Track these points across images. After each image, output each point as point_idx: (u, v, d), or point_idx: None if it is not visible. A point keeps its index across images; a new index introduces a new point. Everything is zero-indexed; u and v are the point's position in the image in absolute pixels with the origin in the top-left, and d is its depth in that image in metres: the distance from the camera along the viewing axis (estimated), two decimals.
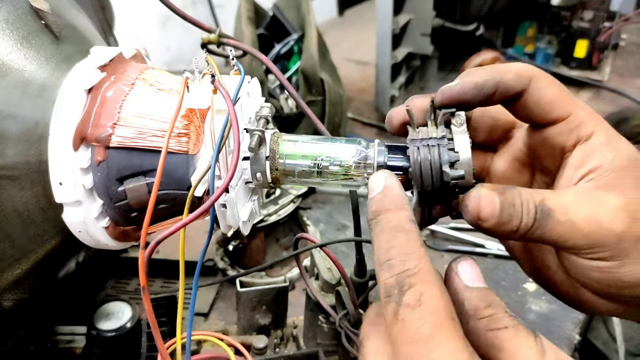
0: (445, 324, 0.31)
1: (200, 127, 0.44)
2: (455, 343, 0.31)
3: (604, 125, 0.41)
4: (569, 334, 0.80)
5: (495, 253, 0.95)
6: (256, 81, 0.48)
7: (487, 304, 0.35)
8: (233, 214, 0.44)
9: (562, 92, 0.41)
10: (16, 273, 0.47)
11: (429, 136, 0.40)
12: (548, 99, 0.40)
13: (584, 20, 1.46)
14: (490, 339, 0.33)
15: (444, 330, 0.31)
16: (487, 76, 0.40)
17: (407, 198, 0.36)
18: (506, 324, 0.33)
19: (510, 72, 0.40)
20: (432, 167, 0.39)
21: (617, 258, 0.38)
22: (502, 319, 0.34)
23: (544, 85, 0.41)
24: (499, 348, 0.33)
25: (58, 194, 0.43)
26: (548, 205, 0.38)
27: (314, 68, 1.14)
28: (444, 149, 0.39)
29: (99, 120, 0.43)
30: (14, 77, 0.43)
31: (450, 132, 0.40)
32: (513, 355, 0.32)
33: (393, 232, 0.35)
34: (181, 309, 0.44)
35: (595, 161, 0.40)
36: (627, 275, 0.38)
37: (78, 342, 0.76)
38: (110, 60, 0.45)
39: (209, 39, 0.64)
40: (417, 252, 0.33)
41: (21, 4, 0.46)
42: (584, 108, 0.41)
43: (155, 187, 0.39)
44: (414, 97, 0.44)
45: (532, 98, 0.41)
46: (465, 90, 0.40)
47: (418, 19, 1.32)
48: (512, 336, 0.33)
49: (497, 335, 0.33)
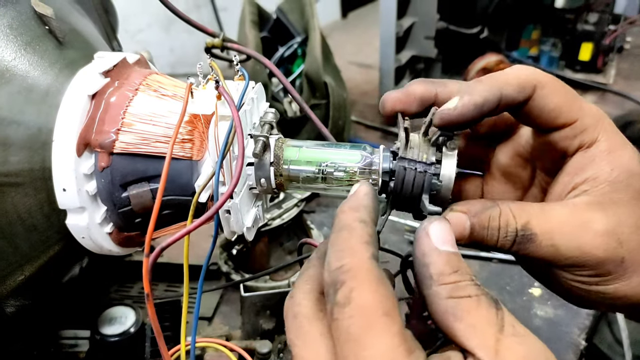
0: (377, 322, 0.30)
1: (204, 132, 0.43)
2: (388, 341, 0.30)
3: (609, 133, 0.40)
4: (575, 339, 0.79)
5: (500, 258, 0.94)
6: (260, 86, 0.47)
7: (452, 270, 0.34)
8: (237, 220, 0.43)
9: (568, 98, 0.40)
10: (19, 279, 0.47)
11: (418, 158, 0.40)
12: (553, 107, 0.39)
13: (588, 23, 1.45)
14: (451, 307, 0.32)
15: (375, 329, 0.30)
16: (487, 93, 0.38)
17: (369, 203, 0.36)
18: (469, 293, 0.32)
19: (512, 83, 0.39)
20: (413, 190, 0.40)
21: (600, 277, 0.38)
22: (465, 287, 0.33)
23: (549, 92, 0.39)
24: (457, 317, 0.32)
25: (62, 200, 0.43)
26: (532, 229, 0.38)
27: (318, 71, 1.14)
28: (429, 177, 0.40)
29: (102, 126, 0.43)
30: (17, 83, 0.43)
31: (440, 154, 0.40)
32: (470, 328, 0.31)
33: (339, 231, 0.34)
34: (185, 314, 0.43)
35: (592, 171, 0.39)
36: (611, 291, 0.38)
37: (81, 347, 0.76)
38: (114, 65, 0.45)
39: (213, 43, 0.64)
40: (353, 249, 0.33)
41: (25, 9, 0.46)
42: (591, 114, 0.40)
43: (160, 193, 0.38)
44: (413, 83, 0.42)
45: (536, 106, 0.40)
46: (464, 113, 0.38)
47: (422, 22, 1.32)
48: (473, 308, 0.32)
49: (458, 304, 0.32)
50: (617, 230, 0.37)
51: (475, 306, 0.32)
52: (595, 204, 0.38)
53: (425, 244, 0.35)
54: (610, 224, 0.37)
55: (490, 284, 0.88)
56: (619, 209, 0.38)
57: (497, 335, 0.31)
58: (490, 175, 0.47)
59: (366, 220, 0.35)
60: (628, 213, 0.38)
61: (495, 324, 0.31)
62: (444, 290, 0.33)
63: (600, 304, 0.40)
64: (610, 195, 0.38)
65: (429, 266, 0.34)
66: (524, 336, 0.31)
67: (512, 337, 0.31)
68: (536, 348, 0.31)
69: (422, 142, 0.41)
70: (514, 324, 0.32)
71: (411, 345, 0.30)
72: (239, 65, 0.46)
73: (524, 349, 0.30)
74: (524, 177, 0.46)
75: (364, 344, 0.30)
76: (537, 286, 0.88)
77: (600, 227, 0.37)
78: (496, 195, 0.47)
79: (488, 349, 0.30)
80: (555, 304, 0.85)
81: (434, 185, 0.40)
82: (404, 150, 0.40)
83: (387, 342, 0.30)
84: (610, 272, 0.38)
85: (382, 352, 0.29)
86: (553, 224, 0.38)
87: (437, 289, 0.33)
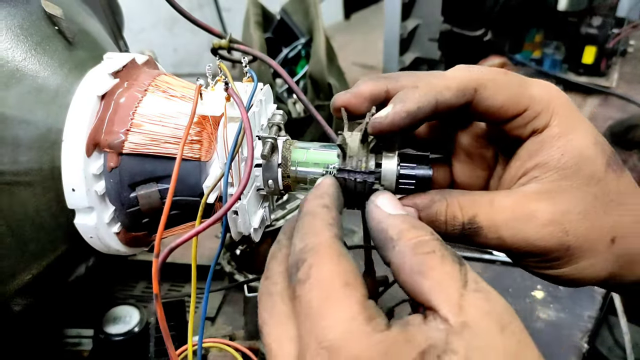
0: (336, 292, 0.30)
1: (213, 134, 0.44)
2: (348, 310, 0.29)
3: (561, 116, 0.39)
4: (578, 342, 0.79)
5: (503, 260, 0.94)
6: (268, 88, 0.48)
7: (411, 226, 0.34)
8: (245, 221, 0.44)
9: (514, 91, 0.39)
10: (27, 278, 0.47)
11: (357, 167, 0.40)
12: (499, 105, 0.39)
13: (592, 26, 1.45)
14: (417, 265, 0.32)
15: (333, 300, 0.30)
16: (421, 100, 0.38)
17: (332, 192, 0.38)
18: (433, 248, 0.32)
19: (451, 87, 0.38)
20: (356, 197, 0.41)
21: (548, 263, 0.39)
22: (428, 242, 0.33)
23: (493, 92, 0.39)
24: (423, 275, 0.31)
25: (70, 200, 0.43)
26: (478, 222, 0.38)
27: (322, 72, 1.14)
28: (369, 185, 0.40)
29: (112, 126, 0.43)
30: (27, 83, 0.43)
31: (381, 158, 0.41)
32: (435, 285, 0.30)
33: (303, 216, 0.35)
34: (193, 314, 0.44)
35: (542, 157, 0.39)
36: (562, 274, 0.39)
37: (85, 345, 0.76)
38: (123, 66, 0.45)
39: (220, 44, 0.64)
40: (315, 230, 0.33)
41: (35, 9, 0.46)
42: (541, 99, 0.39)
43: (170, 194, 0.39)
44: (362, 82, 0.42)
45: (481, 106, 0.39)
46: (396, 122, 0.38)
47: (426, 24, 1.32)
48: (437, 264, 0.31)
49: (424, 260, 0.32)
50: (563, 219, 0.38)
51: (439, 262, 0.31)
52: (542, 193, 0.38)
53: (377, 213, 0.36)
54: (556, 214, 0.38)
55: (493, 285, 0.88)
56: (566, 197, 0.38)
57: (460, 290, 0.30)
58: (456, 157, 0.47)
59: (329, 205, 0.36)
60: (576, 200, 0.38)
61: (459, 279, 0.31)
62: (408, 246, 0.33)
63: (561, 283, 0.41)
64: (559, 183, 0.38)
65: (387, 229, 0.34)
66: (487, 292, 0.31)
67: (476, 292, 0.30)
68: (500, 304, 0.30)
69: (361, 149, 0.41)
70: (477, 279, 0.31)
71: (372, 313, 0.30)
72: (248, 67, 0.47)
73: (487, 304, 0.30)
74: (487, 157, 0.46)
75: (323, 314, 0.30)
76: (539, 289, 0.89)
77: (545, 218, 0.37)
78: (464, 176, 0.46)
79: (452, 305, 0.30)
80: (557, 307, 0.85)
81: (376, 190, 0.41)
82: (342, 161, 0.41)
83: (346, 311, 0.29)
84: (558, 258, 0.38)
85: (341, 320, 0.29)
86: (499, 217, 0.38)
87: (400, 247, 0.33)
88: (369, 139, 0.41)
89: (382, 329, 0.29)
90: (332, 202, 0.36)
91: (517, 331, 0.30)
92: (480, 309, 0.30)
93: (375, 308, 0.31)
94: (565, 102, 0.40)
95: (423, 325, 0.30)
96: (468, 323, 0.29)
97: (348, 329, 0.29)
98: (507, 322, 0.30)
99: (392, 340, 0.29)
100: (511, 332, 0.29)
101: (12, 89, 0.42)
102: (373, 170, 0.40)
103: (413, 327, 0.30)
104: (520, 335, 0.30)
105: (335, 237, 0.33)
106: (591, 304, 0.86)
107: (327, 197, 0.37)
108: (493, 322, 0.29)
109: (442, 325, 0.29)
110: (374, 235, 0.36)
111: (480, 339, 0.29)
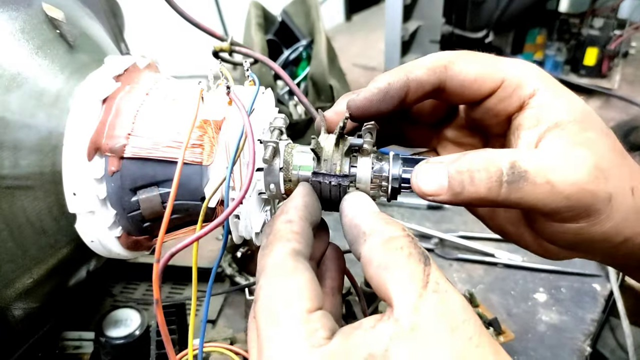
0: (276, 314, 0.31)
1: (214, 138, 0.43)
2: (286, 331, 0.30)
3: (546, 80, 0.39)
4: (580, 345, 0.79)
5: (505, 263, 0.94)
6: (270, 92, 0.47)
7: (384, 222, 0.34)
8: (246, 225, 0.43)
9: (485, 63, 0.39)
10: (28, 282, 0.47)
11: (331, 171, 0.41)
12: (472, 78, 0.39)
13: (593, 28, 1.45)
14: (384, 260, 0.32)
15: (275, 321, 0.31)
16: (391, 78, 0.39)
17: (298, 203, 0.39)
18: (402, 245, 0.32)
19: (421, 66, 0.39)
20: (332, 200, 0.42)
21: (591, 219, 0.36)
22: (398, 238, 0.33)
23: (463, 65, 0.39)
24: (388, 270, 0.32)
25: (72, 204, 0.43)
26: (522, 166, 0.34)
27: (323, 74, 1.14)
28: (343, 188, 0.41)
29: (113, 130, 0.43)
30: (29, 86, 0.43)
31: (355, 161, 0.41)
32: (398, 283, 0.31)
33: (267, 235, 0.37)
34: (193, 318, 0.44)
35: (553, 117, 0.37)
36: (598, 233, 0.37)
37: (85, 348, 0.76)
38: (125, 70, 0.45)
39: (222, 47, 0.64)
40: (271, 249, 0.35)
41: (37, 13, 0.46)
42: (516, 68, 0.39)
43: (172, 198, 0.38)
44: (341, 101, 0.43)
45: (454, 84, 0.39)
46: (369, 98, 0.39)
47: (427, 25, 1.32)
48: (403, 262, 0.31)
49: (391, 256, 0.32)
50: (603, 166, 0.35)
51: (405, 260, 0.32)
52: (577, 143, 0.36)
53: (350, 209, 0.37)
54: (595, 160, 0.35)
55: (495, 288, 0.88)
56: (597, 145, 0.36)
57: (420, 291, 0.30)
58: (445, 150, 0.47)
59: (293, 219, 0.36)
60: (604, 149, 0.36)
61: (421, 279, 0.31)
62: (378, 241, 0.33)
63: (578, 250, 0.39)
64: (584, 134, 0.36)
65: (360, 225, 0.35)
66: (446, 292, 0.31)
67: (434, 293, 0.30)
68: (456, 305, 0.30)
69: (335, 153, 0.41)
70: (439, 280, 0.31)
71: (314, 327, 0.30)
72: (250, 71, 0.47)
73: (443, 305, 0.30)
74: (477, 144, 0.45)
75: (267, 337, 0.31)
76: (542, 291, 0.88)
77: (590, 161, 0.35)
78: None
79: (408, 305, 0.30)
80: (560, 310, 0.85)
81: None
82: (317, 165, 0.42)
83: (285, 332, 0.30)
84: (600, 211, 0.35)
85: (281, 342, 0.30)
86: (545, 162, 0.35)
87: (370, 242, 0.33)
88: (344, 142, 0.41)
89: (322, 344, 0.30)
90: (297, 214, 0.37)
91: (471, 331, 0.29)
92: (435, 310, 0.30)
93: (320, 320, 0.31)
94: (541, 71, 0.39)
95: (370, 331, 0.30)
96: (418, 325, 0.29)
97: (287, 351, 0.30)
98: (460, 322, 0.29)
99: (330, 354, 0.29)
100: (463, 332, 0.29)
101: (14, 92, 0.42)
102: (347, 174, 0.41)
103: (359, 334, 0.30)
104: (474, 335, 0.29)
105: (288, 254, 0.34)
106: (593, 307, 0.86)
107: (293, 211, 0.37)
108: (444, 324, 0.29)
109: (392, 328, 0.30)
110: (346, 230, 0.37)
111: (428, 341, 0.29)
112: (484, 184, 0.35)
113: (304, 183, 0.41)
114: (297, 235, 0.36)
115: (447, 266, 0.96)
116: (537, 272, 0.91)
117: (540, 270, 0.91)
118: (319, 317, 0.31)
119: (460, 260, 0.97)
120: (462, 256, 0.97)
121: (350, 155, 0.42)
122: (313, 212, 0.39)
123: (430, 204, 1.06)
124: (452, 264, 0.96)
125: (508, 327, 0.78)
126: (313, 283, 0.33)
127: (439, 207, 1.07)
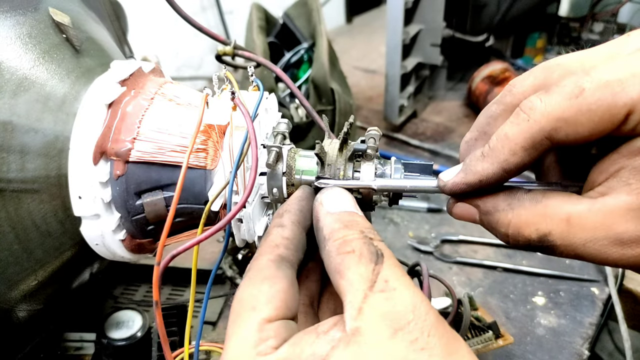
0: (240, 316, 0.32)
1: (219, 142, 0.44)
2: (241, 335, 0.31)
3: None
4: (579, 349, 0.80)
5: (504, 266, 0.94)
6: (274, 97, 0.48)
7: (343, 226, 0.34)
8: (249, 229, 0.44)
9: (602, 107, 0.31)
10: (32, 284, 0.47)
11: (335, 176, 0.42)
12: (586, 135, 0.32)
13: (594, 32, 1.46)
14: (337, 264, 0.32)
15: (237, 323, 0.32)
16: (485, 173, 0.35)
17: (292, 207, 0.39)
18: (353, 248, 0.32)
19: (516, 152, 0.33)
20: None
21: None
22: (351, 241, 0.33)
23: (571, 129, 0.32)
24: (341, 274, 0.32)
25: (77, 208, 0.43)
26: (552, 241, 0.34)
27: (325, 77, 1.14)
28: None
29: (118, 134, 0.43)
30: (35, 91, 0.43)
31: (359, 165, 0.42)
32: (348, 286, 0.31)
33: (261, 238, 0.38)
34: (190, 319, 0.44)
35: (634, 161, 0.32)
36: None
37: (87, 350, 0.76)
38: (130, 74, 0.46)
39: (225, 51, 0.64)
40: (260, 252, 0.36)
41: (43, 17, 0.46)
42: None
43: (175, 202, 0.39)
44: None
45: (565, 143, 0.33)
46: (455, 190, 0.37)
47: (428, 29, 1.32)
48: (353, 264, 0.32)
49: (344, 260, 0.32)
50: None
51: (355, 262, 0.32)
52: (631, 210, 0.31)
53: (318, 211, 0.37)
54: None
55: (494, 292, 0.88)
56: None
57: (366, 292, 0.30)
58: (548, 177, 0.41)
59: (285, 224, 0.37)
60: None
61: (369, 280, 0.31)
62: (334, 246, 0.33)
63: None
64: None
65: (323, 229, 0.36)
66: (393, 291, 0.30)
67: (380, 293, 0.30)
68: (403, 304, 0.29)
69: (338, 157, 0.43)
70: (389, 278, 0.31)
71: (266, 335, 0.31)
72: (254, 76, 0.47)
73: (388, 305, 0.29)
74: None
75: (228, 337, 0.32)
76: (540, 295, 0.89)
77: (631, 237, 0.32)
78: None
79: (354, 308, 0.30)
80: (558, 313, 0.85)
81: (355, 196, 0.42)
82: (321, 169, 0.43)
83: (240, 336, 0.31)
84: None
85: (234, 345, 0.31)
86: (577, 238, 0.33)
87: (328, 247, 0.34)
88: (348, 148, 0.42)
89: (267, 352, 0.30)
90: (290, 219, 0.38)
91: (416, 332, 0.29)
92: (378, 311, 0.29)
93: (276, 329, 0.31)
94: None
95: (319, 337, 0.30)
96: (360, 329, 0.29)
97: (235, 355, 0.31)
98: (405, 323, 0.29)
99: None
100: (406, 334, 0.28)
101: (20, 97, 0.43)
102: (350, 177, 0.42)
103: (307, 340, 0.30)
104: (420, 336, 0.28)
105: (271, 260, 0.35)
106: (592, 310, 0.86)
107: (287, 215, 0.38)
108: (385, 326, 0.29)
109: (338, 333, 0.30)
110: (316, 234, 0.37)
111: (366, 346, 0.29)
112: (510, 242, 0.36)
113: (303, 187, 0.42)
114: (286, 240, 0.36)
115: (447, 269, 0.96)
116: (536, 276, 0.91)
117: (539, 275, 0.92)
118: (275, 327, 0.32)
119: (459, 263, 0.97)
120: (461, 259, 0.98)
121: (353, 160, 0.42)
122: (308, 216, 0.39)
123: (430, 207, 1.06)
124: (451, 267, 0.97)
125: (507, 330, 0.79)
126: (287, 292, 0.33)
127: (439, 210, 1.07)
